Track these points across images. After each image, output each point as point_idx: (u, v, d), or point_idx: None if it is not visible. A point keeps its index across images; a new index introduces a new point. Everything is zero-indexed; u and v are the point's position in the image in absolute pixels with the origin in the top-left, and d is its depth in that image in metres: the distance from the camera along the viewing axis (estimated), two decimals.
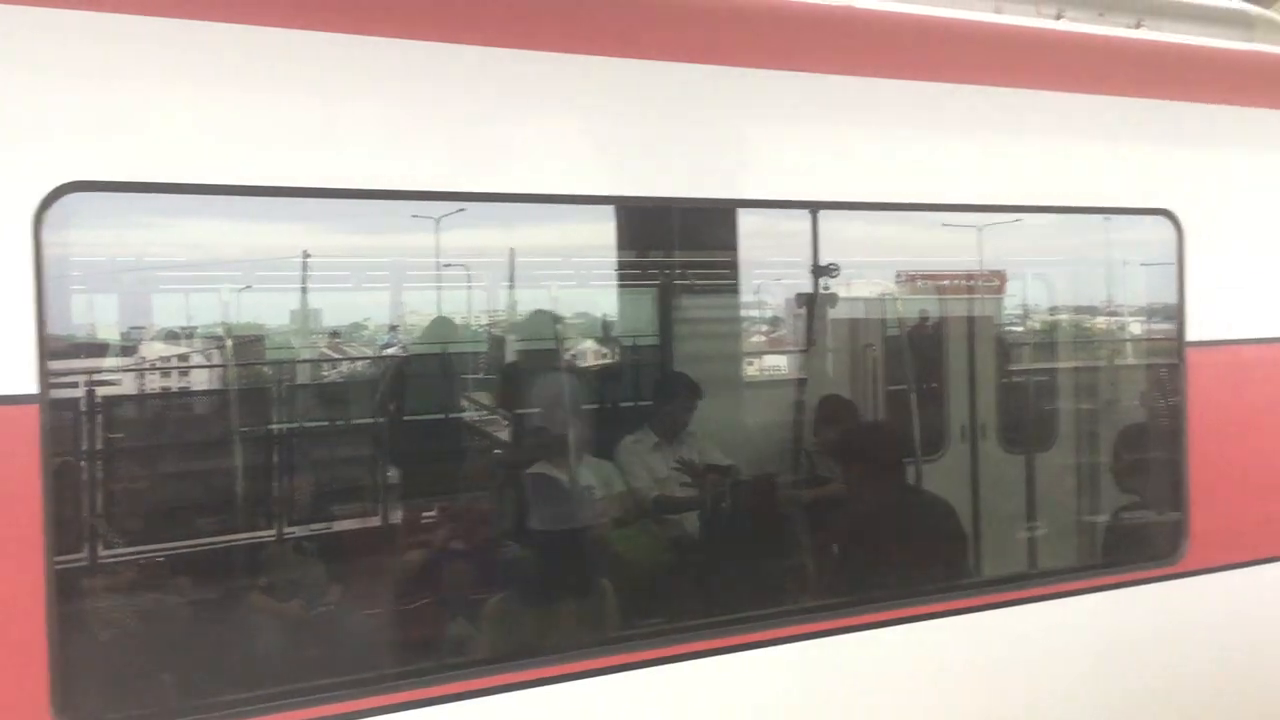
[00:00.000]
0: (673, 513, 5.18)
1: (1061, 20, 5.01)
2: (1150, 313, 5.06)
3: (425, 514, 4.58)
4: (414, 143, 3.54)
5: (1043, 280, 5.78)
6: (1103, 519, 5.14)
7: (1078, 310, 5.63)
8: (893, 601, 4.22)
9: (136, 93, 3.09)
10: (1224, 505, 4.71)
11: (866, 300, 5.78)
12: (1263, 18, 5.73)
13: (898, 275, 5.60)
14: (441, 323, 5.43)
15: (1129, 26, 5.15)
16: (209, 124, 3.17)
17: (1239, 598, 4.78)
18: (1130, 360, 5.25)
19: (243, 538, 4.30)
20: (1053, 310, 5.68)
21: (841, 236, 4.62)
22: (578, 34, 3.76)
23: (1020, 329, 5.76)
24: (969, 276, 5.24)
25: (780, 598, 4.35)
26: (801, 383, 5.77)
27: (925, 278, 5.57)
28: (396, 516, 4.70)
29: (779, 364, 6.32)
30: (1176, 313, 4.69)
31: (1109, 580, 4.48)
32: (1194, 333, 4.68)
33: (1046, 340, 5.79)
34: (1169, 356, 4.76)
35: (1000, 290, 5.43)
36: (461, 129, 3.61)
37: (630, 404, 5.81)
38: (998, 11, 4.86)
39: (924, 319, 5.86)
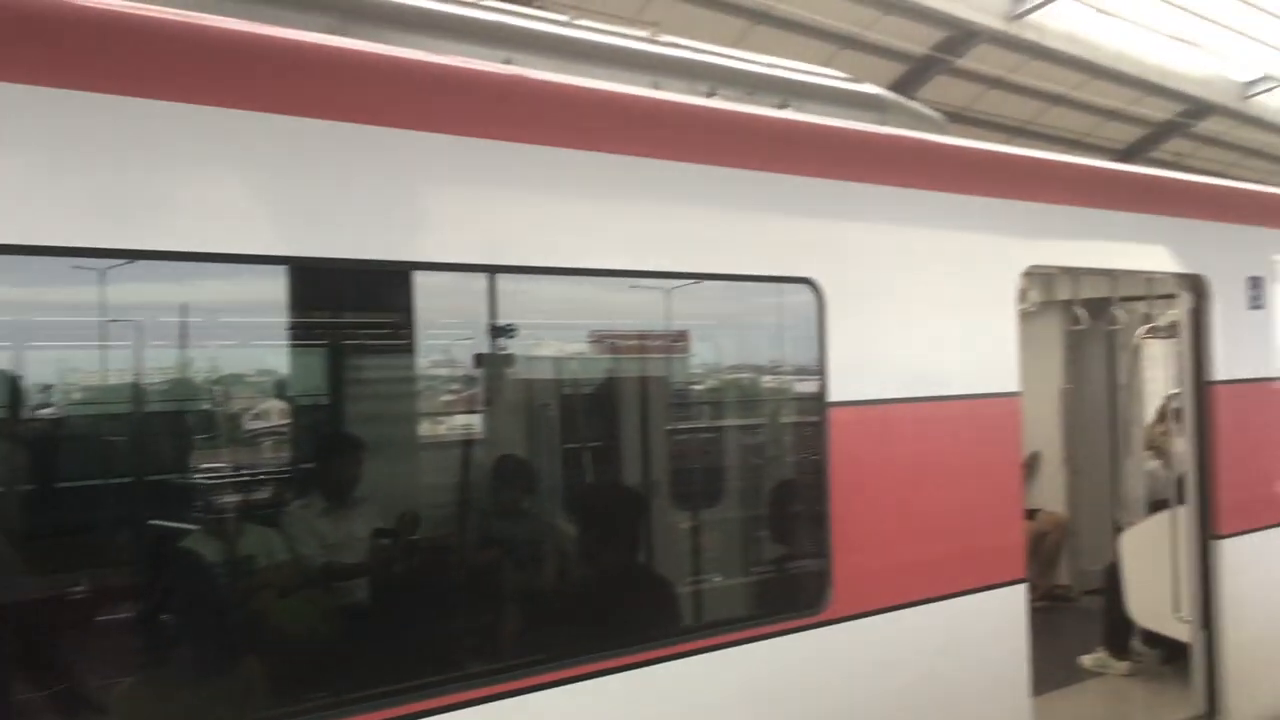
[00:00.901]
0: (343, 580, 5.03)
1: (714, 98, 5.30)
2: (802, 374, 5.37)
3: (54, 592, 4.25)
4: (61, 195, 3.37)
5: (711, 343, 6.03)
6: (759, 572, 5.39)
7: (741, 371, 5.90)
8: (561, 661, 4.26)
9: None
10: (864, 555, 5.04)
11: (545, 360, 5.85)
12: (895, 103, 6.28)
13: (575, 336, 5.69)
14: (97, 384, 5.09)
15: (776, 106, 5.51)
16: None
17: (881, 643, 5.12)
18: (785, 419, 5.55)
19: None
20: (719, 372, 5.92)
21: (522, 299, 4.67)
22: (245, 90, 3.68)
23: (690, 389, 5.97)
24: (641, 338, 5.40)
25: (452, 663, 4.30)
26: (478, 444, 5.76)
27: (602, 339, 5.69)
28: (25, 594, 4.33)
29: (455, 425, 6.28)
30: (819, 375, 5.01)
31: (760, 632, 4.68)
32: (835, 393, 5.01)
33: (714, 400, 6.03)
34: (815, 415, 5.07)
35: (672, 352, 5.62)
36: (117, 182, 3.47)
37: (299, 468, 5.62)
38: (655, 87, 5.09)
39: (601, 380, 5.99)
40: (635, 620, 4.80)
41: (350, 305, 4.89)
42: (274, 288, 4.35)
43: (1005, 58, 23.81)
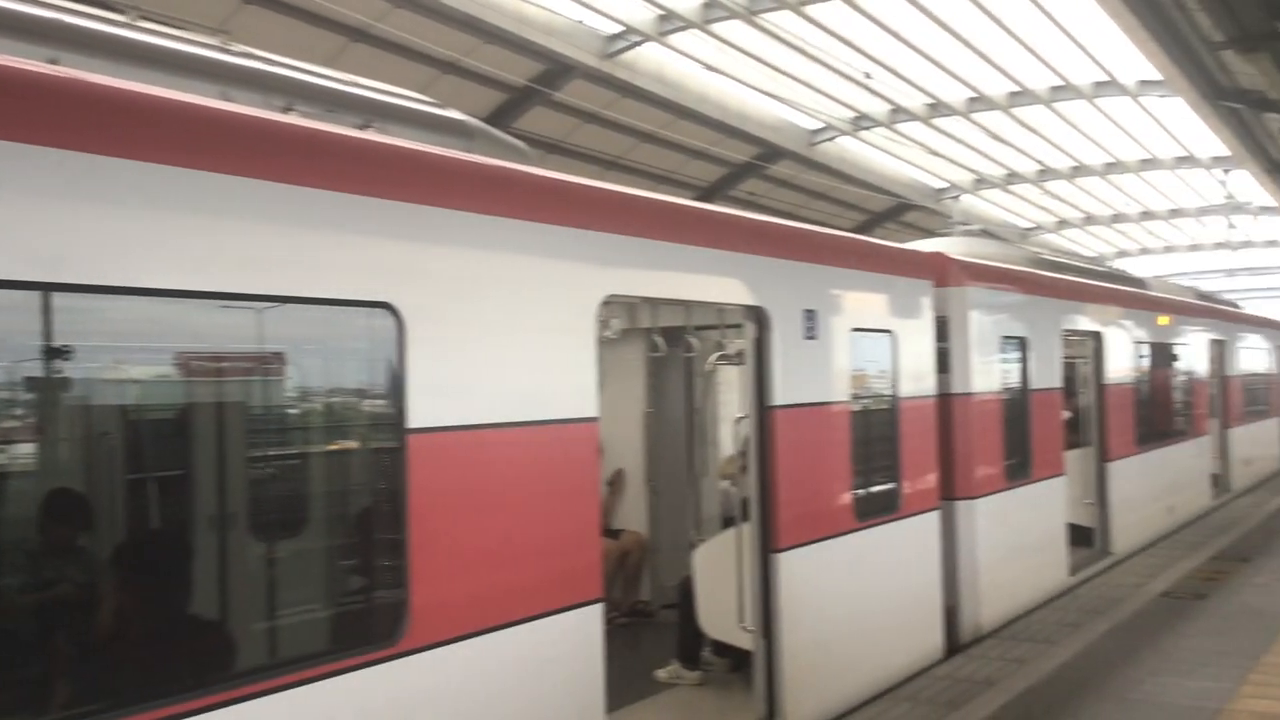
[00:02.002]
0: None
1: (291, 114, 5.10)
2: (381, 400, 5.25)
3: None
4: None
5: (297, 369, 5.80)
6: (330, 605, 5.20)
7: (317, 398, 5.70)
8: (119, 709, 3.93)
9: None
10: (443, 582, 4.99)
11: (109, 385, 5.41)
12: (482, 130, 6.31)
13: (140, 359, 5.30)
14: None
15: (357, 126, 5.38)
16: None
17: (459, 671, 5.08)
18: (361, 446, 5.39)
19: None
20: (305, 398, 5.69)
21: (82, 319, 4.27)
22: None
23: (261, 417, 5.71)
24: (214, 361, 5.09)
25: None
26: (23, 476, 5.23)
27: (170, 363, 5.33)
28: None
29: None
30: (398, 401, 4.92)
31: (329, 668, 4.51)
32: (414, 420, 4.94)
33: (299, 426, 5.80)
34: (394, 442, 4.98)
35: (245, 377, 5.34)
36: None
37: None
38: (224, 97, 4.83)
39: (166, 406, 5.61)
40: (194, 664, 4.50)
41: None
42: None
43: (599, 94, 24.74)
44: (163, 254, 4.19)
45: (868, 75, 26.41)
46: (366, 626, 5.00)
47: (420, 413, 4.97)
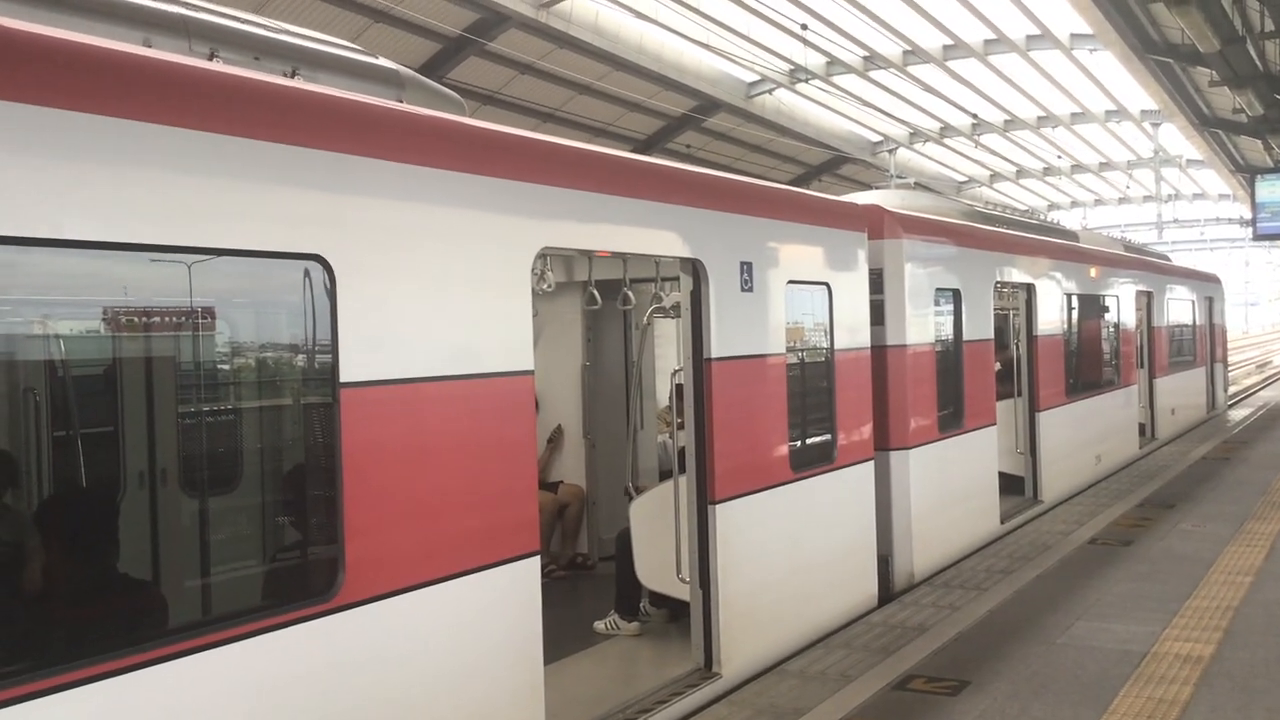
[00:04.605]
0: None
1: (216, 60, 4.98)
2: (313, 354, 5.17)
3: None
4: None
5: (228, 323, 5.71)
6: (272, 559, 5.16)
7: (260, 351, 5.62)
8: (49, 669, 3.86)
9: None
10: (378, 537, 4.95)
11: (31, 339, 5.29)
12: (413, 79, 6.21)
13: (59, 314, 5.18)
14: None
15: (284, 74, 5.26)
16: None
17: (396, 625, 5.06)
18: (292, 401, 5.31)
19: None
20: (236, 352, 5.60)
21: (5, 273, 4.13)
22: None
23: (204, 371, 5.61)
24: (146, 314, 4.99)
25: None
26: None
27: (91, 317, 5.21)
28: None
29: None
30: (330, 354, 4.85)
31: (263, 624, 4.47)
32: (347, 374, 4.88)
33: (230, 382, 5.71)
34: (327, 396, 4.92)
35: (182, 331, 5.24)
36: None
37: None
38: (146, 44, 4.70)
39: (99, 360, 5.50)
40: (125, 623, 4.43)
41: None
42: None
43: (535, 44, 24.50)
44: (85, 205, 4.07)
45: (804, 27, 26.39)
46: (300, 582, 4.96)
47: (353, 366, 4.91)
